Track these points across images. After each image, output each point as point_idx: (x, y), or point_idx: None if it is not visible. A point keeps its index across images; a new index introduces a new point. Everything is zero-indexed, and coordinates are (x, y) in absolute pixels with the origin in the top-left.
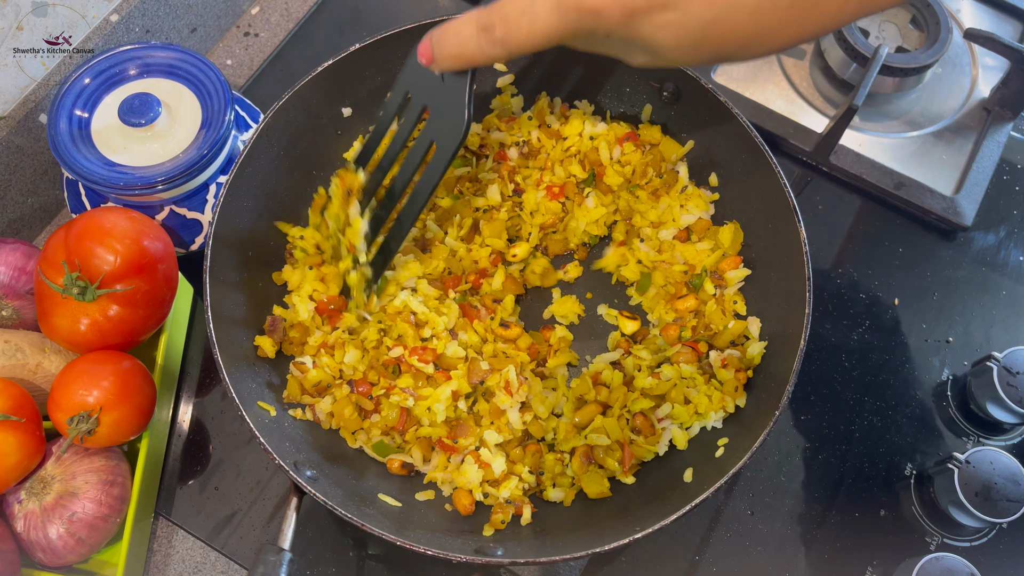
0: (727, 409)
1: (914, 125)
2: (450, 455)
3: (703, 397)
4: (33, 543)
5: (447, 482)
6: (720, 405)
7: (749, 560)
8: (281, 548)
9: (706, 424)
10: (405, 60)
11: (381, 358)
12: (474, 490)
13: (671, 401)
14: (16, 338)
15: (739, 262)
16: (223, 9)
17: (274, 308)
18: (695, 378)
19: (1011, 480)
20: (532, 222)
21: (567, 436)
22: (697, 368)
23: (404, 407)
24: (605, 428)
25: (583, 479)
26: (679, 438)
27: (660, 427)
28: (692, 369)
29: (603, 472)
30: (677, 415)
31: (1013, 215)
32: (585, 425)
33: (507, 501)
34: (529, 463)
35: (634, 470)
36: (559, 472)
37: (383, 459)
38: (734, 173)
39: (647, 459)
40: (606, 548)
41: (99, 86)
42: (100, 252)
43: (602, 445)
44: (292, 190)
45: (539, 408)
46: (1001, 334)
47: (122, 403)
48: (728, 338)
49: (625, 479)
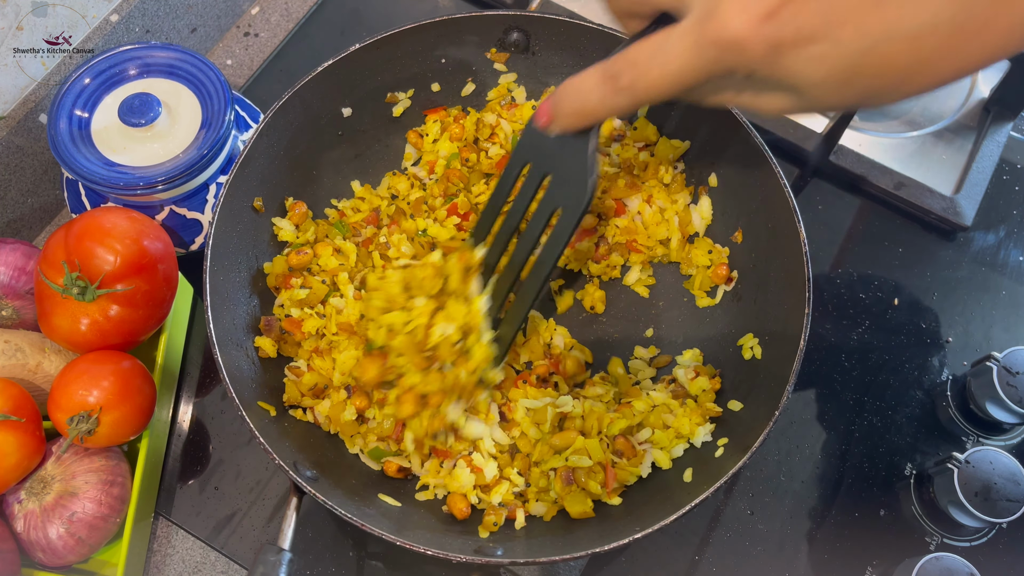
0: (712, 416)
1: (914, 125)
2: (443, 460)
3: (683, 420)
4: (33, 543)
5: (440, 486)
6: (703, 420)
7: (749, 560)
8: (281, 548)
9: (695, 441)
10: (520, 133)
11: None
12: (468, 494)
13: (650, 426)
14: (16, 338)
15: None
16: (223, 9)
17: (274, 308)
18: (668, 403)
19: (1011, 480)
20: None
21: (545, 457)
22: (669, 393)
23: (399, 419)
24: (587, 449)
25: (565, 499)
26: (661, 459)
27: (641, 449)
28: (664, 396)
29: (585, 493)
30: (657, 440)
31: (1013, 215)
32: (565, 448)
33: (500, 504)
34: (519, 466)
35: (618, 491)
36: (543, 487)
37: (378, 465)
38: (734, 173)
39: (630, 482)
40: (606, 548)
41: (99, 86)
42: (100, 252)
43: (583, 467)
44: (292, 190)
45: (528, 429)
46: (1001, 334)
47: (122, 403)
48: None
49: (610, 500)
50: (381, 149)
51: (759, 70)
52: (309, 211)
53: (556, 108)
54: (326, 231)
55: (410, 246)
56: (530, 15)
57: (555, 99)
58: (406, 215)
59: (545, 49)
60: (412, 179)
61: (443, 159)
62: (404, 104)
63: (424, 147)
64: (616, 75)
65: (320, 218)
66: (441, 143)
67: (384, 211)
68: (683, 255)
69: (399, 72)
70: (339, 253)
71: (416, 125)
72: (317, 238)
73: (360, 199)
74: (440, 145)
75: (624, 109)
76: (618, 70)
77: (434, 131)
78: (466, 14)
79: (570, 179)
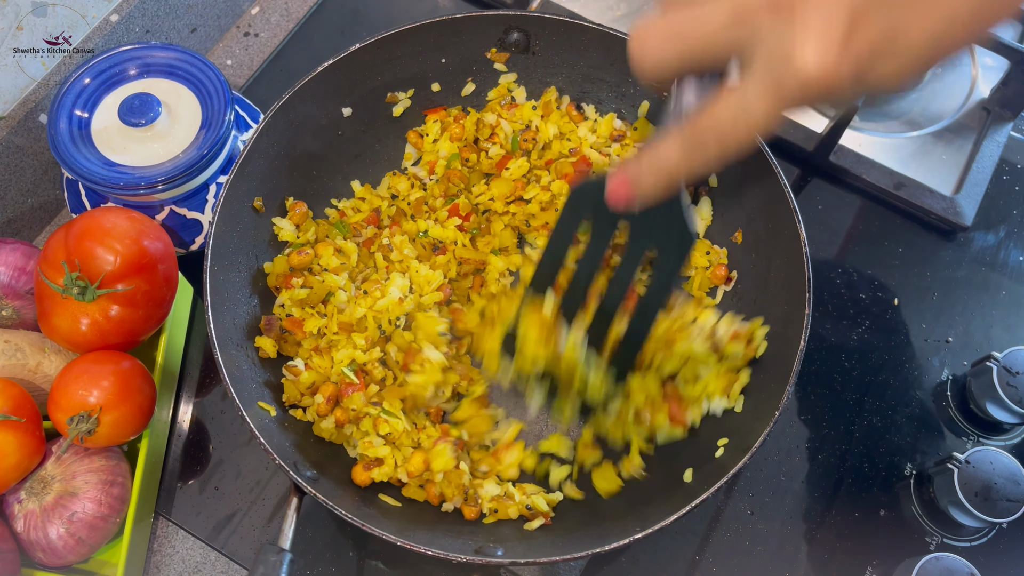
0: (731, 397)
1: (914, 125)
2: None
3: (712, 376)
4: (33, 543)
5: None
6: (724, 387)
7: (749, 560)
8: (281, 548)
9: (710, 406)
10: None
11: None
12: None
13: (682, 378)
14: (16, 338)
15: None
16: (223, 9)
17: (274, 308)
18: (708, 357)
19: (1011, 480)
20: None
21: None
22: (708, 345)
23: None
24: (646, 385)
25: (595, 474)
26: (695, 415)
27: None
28: (703, 347)
29: (615, 468)
30: (687, 394)
31: (1013, 215)
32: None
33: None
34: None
35: (682, 427)
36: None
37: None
38: (734, 173)
39: (678, 436)
40: (606, 548)
41: (99, 86)
42: (100, 252)
43: (642, 402)
44: (292, 190)
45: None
46: (1001, 334)
47: (122, 403)
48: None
49: (636, 472)
50: (381, 149)
51: (847, 94)
52: (309, 211)
53: (639, 186)
54: (326, 231)
55: (412, 248)
56: (530, 15)
57: (636, 177)
58: (407, 216)
59: (545, 49)
60: (412, 179)
61: (443, 159)
62: (404, 104)
63: (424, 147)
64: (702, 144)
65: (320, 218)
66: (441, 143)
67: (385, 212)
68: None
69: (399, 72)
70: (340, 253)
71: (416, 125)
72: (317, 238)
73: (360, 199)
74: (440, 145)
75: (711, 171)
76: (703, 139)
77: (434, 131)
78: (466, 14)
79: (665, 237)
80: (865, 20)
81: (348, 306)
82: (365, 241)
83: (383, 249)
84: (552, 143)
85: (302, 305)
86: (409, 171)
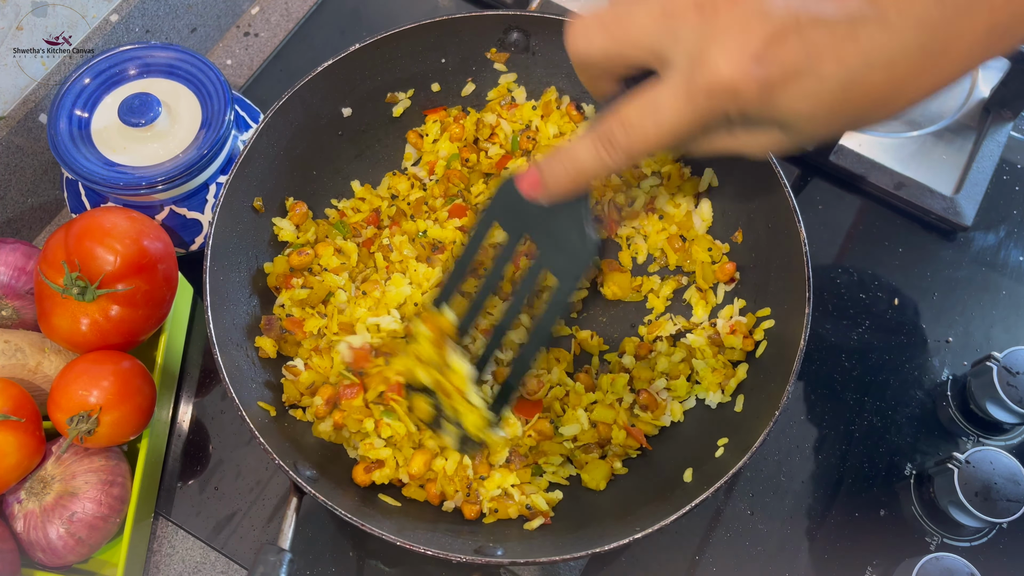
0: (725, 391)
1: (914, 125)
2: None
3: (707, 371)
4: (33, 543)
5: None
6: (719, 381)
7: (749, 560)
8: (281, 548)
9: (704, 398)
10: (492, 196)
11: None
12: (484, 499)
13: (671, 374)
14: (16, 338)
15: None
16: (223, 9)
17: (274, 308)
18: (705, 350)
19: (1011, 480)
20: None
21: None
22: (707, 339)
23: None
24: (615, 387)
25: (583, 471)
26: (675, 411)
27: (661, 400)
28: (702, 341)
29: (605, 463)
30: (675, 388)
31: (1013, 215)
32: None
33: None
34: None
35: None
36: (558, 465)
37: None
38: (734, 173)
39: (653, 433)
40: (606, 548)
41: (99, 86)
42: (100, 252)
43: (606, 420)
44: (292, 190)
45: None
46: (1001, 334)
47: (122, 403)
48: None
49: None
50: (381, 149)
51: (752, 111)
52: (309, 211)
53: (546, 176)
54: (326, 231)
55: (412, 248)
56: (530, 15)
57: (544, 168)
58: (407, 216)
59: (545, 49)
60: (412, 179)
61: (443, 159)
62: (404, 104)
63: (424, 147)
64: (609, 137)
65: (320, 218)
66: (441, 143)
67: (385, 212)
68: (684, 255)
69: (399, 72)
70: (340, 253)
71: (416, 125)
72: (317, 238)
73: (360, 199)
74: (440, 145)
75: (619, 169)
76: (610, 132)
77: (434, 131)
78: (466, 14)
79: (565, 244)
80: (784, 41)
81: (348, 306)
82: (365, 241)
83: (383, 249)
84: (552, 143)
85: (302, 305)
86: (409, 171)
